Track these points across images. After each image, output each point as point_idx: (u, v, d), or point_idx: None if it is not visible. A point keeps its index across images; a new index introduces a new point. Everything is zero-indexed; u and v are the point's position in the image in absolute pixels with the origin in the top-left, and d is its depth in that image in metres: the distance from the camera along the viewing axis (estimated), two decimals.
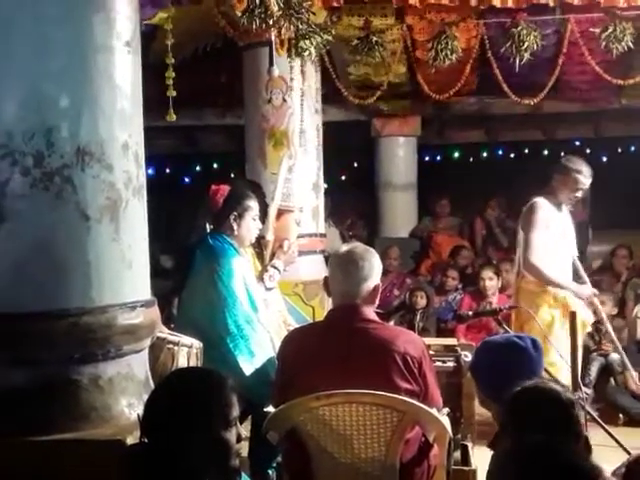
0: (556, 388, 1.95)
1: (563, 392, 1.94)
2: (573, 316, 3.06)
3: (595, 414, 3.14)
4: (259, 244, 3.85)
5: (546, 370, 3.06)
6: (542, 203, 4.19)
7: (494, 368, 2.40)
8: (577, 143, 10.29)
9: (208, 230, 3.52)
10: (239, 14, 3.78)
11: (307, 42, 4.23)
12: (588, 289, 4.15)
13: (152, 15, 4.66)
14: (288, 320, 3.73)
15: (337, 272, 2.60)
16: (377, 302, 2.62)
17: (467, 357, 3.43)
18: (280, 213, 3.88)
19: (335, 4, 4.52)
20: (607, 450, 2.95)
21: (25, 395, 2.32)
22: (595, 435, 2.68)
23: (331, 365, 2.46)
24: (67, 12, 2.33)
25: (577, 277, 4.38)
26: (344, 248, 2.66)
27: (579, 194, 4.24)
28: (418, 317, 5.73)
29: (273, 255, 3.74)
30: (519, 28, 4.80)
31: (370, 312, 2.56)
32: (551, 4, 4.55)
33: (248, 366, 3.18)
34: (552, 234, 4.12)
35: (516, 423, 1.90)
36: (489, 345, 2.60)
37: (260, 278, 3.60)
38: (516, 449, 1.65)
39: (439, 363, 3.30)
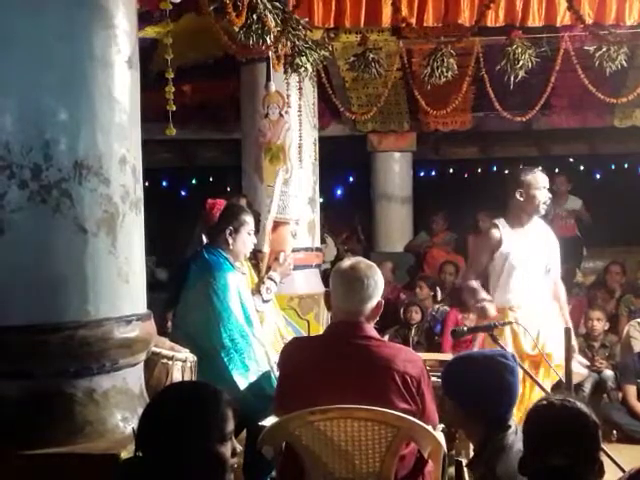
0: (585, 410, 1.90)
1: (590, 414, 1.89)
2: (568, 332, 3.06)
3: None
4: (255, 256, 3.86)
5: (537, 384, 3.04)
6: (495, 227, 3.97)
7: (482, 385, 2.29)
8: (571, 160, 10.35)
9: (204, 244, 3.53)
10: (237, 29, 3.81)
11: (303, 59, 4.26)
12: (491, 308, 3.76)
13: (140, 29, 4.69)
14: (285, 334, 3.73)
15: (340, 289, 2.54)
16: (378, 318, 2.59)
17: None
18: (276, 225, 3.89)
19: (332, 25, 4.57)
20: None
21: (19, 408, 2.31)
22: None
23: (330, 381, 2.44)
24: (68, 27, 2.35)
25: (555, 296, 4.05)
26: (347, 263, 2.58)
27: (540, 195, 3.90)
28: (413, 332, 5.74)
29: (269, 268, 3.74)
30: (514, 46, 4.84)
31: (371, 329, 2.54)
32: (539, 24, 4.59)
33: (242, 380, 3.18)
34: (506, 253, 3.88)
35: (541, 443, 1.87)
36: (471, 361, 2.49)
37: (257, 290, 3.61)
38: (542, 473, 1.64)
39: (434, 378, 3.31)
